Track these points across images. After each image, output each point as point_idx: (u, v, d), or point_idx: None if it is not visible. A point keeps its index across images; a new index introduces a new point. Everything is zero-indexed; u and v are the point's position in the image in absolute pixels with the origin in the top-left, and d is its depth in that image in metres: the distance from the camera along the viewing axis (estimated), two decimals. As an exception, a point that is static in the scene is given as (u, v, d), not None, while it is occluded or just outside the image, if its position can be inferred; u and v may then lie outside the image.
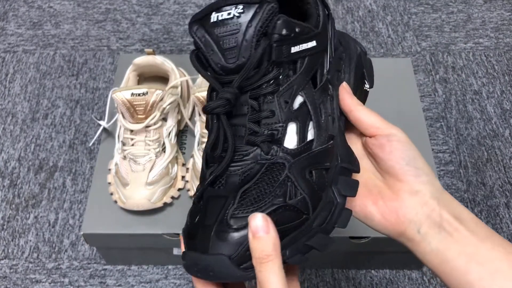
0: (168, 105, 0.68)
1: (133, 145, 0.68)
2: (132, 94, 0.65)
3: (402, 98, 0.78)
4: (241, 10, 0.36)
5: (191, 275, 0.35)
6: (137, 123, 0.67)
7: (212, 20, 0.37)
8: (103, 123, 0.73)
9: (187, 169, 0.71)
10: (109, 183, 0.70)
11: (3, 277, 0.78)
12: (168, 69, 0.74)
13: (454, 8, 1.13)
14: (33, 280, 0.78)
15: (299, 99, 0.38)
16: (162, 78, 0.78)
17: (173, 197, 0.69)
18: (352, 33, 1.08)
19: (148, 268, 0.79)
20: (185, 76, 0.77)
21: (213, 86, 0.38)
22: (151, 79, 0.78)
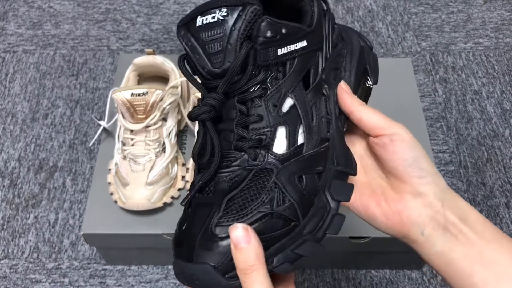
0: (168, 105, 0.68)
1: (133, 145, 0.68)
2: (132, 94, 0.65)
3: (402, 98, 0.78)
4: (225, 13, 0.35)
5: (180, 282, 0.35)
6: (137, 123, 0.67)
7: (198, 24, 0.36)
8: (103, 123, 0.73)
9: (187, 169, 0.71)
10: (109, 183, 0.70)
11: (3, 277, 0.78)
12: (168, 69, 0.74)
13: (454, 8, 1.13)
14: (33, 280, 0.78)
15: (289, 102, 0.37)
16: (162, 78, 0.78)
17: (173, 197, 0.69)
18: (352, 33, 1.08)
19: (148, 268, 0.79)
20: (185, 76, 0.77)
21: (199, 91, 0.38)
22: (151, 79, 0.78)
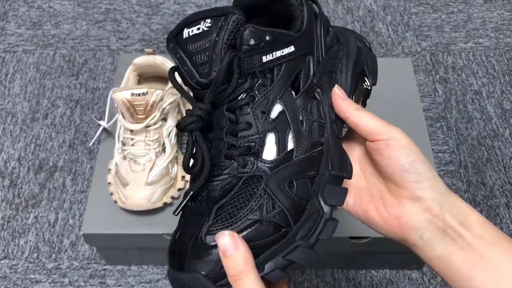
0: (168, 105, 0.68)
1: (133, 145, 0.68)
2: (132, 94, 0.65)
3: (402, 98, 0.78)
4: (209, 24, 0.36)
5: None
6: (137, 123, 0.67)
7: (185, 36, 0.37)
8: (103, 123, 0.73)
9: (187, 169, 0.71)
10: (109, 183, 0.70)
11: (3, 277, 0.78)
12: (168, 69, 0.74)
13: (454, 8, 1.13)
14: (33, 280, 0.78)
15: (277, 108, 0.37)
16: (162, 78, 0.78)
17: (173, 197, 0.69)
18: (352, 33, 1.08)
19: (148, 268, 0.79)
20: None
21: (188, 102, 0.38)
22: (151, 79, 0.78)
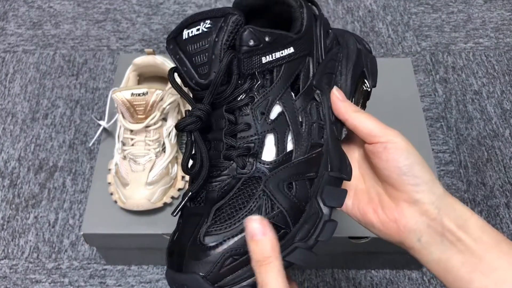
0: (168, 105, 0.68)
1: (133, 145, 0.68)
2: (132, 94, 0.65)
3: (402, 98, 0.78)
4: (209, 25, 0.36)
5: None
6: (137, 123, 0.67)
7: (184, 37, 0.37)
8: (103, 123, 0.73)
9: (187, 169, 0.71)
10: (109, 183, 0.70)
11: (3, 277, 0.78)
12: (168, 69, 0.74)
13: (454, 8, 1.13)
14: (33, 280, 0.78)
15: (277, 109, 0.37)
16: (162, 78, 0.78)
17: (173, 197, 0.69)
18: (352, 33, 1.08)
19: (148, 268, 0.79)
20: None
21: (187, 103, 0.38)
22: (151, 79, 0.78)
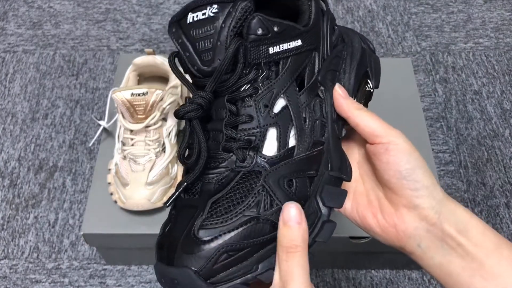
0: (168, 105, 0.68)
1: (133, 145, 0.68)
2: (132, 94, 0.65)
3: (402, 98, 0.78)
4: (216, 10, 0.34)
5: (162, 286, 0.34)
6: (137, 123, 0.67)
7: (189, 21, 0.35)
8: (103, 123, 0.73)
9: (187, 169, 0.71)
10: (109, 183, 0.70)
11: (3, 277, 0.78)
12: (168, 69, 0.74)
13: (454, 8, 1.13)
14: (33, 280, 0.78)
15: (281, 102, 0.36)
16: (162, 78, 0.78)
17: (173, 197, 0.69)
18: (352, 33, 1.08)
19: (148, 268, 0.79)
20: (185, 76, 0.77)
21: (188, 90, 0.37)
22: (151, 79, 0.78)
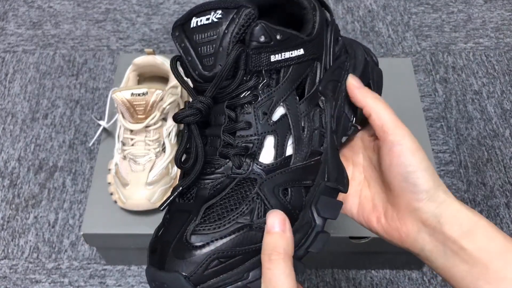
0: (168, 105, 0.68)
1: (133, 145, 0.68)
2: (132, 94, 0.65)
3: (402, 98, 0.78)
4: (220, 16, 0.34)
5: None
6: (137, 123, 0.67)
7: (192, 26, 0.35)
8: (103, 123, 0.73)
9: (187, 169, 0.71)
10: (109, 183, 0.70)
11: (3, 277, 0.78)
12: (168, 69, 0.74)
13: (454, 8, 1.13)
14: (33, 280, 0.78)
15: (280, 111, 0.36)
16: (162, 78, 0.78)
17: (173, 197, 0.68)
18: (352, 33, 1.08)
19: (148, 268, 0.79)
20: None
21: (188, 94, 0.37)
22: (151, 79, 0.78)
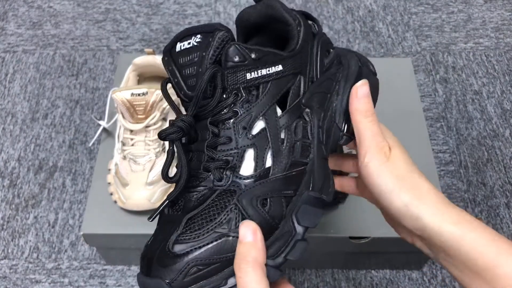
0: (168, 105, 0.68)
1: (133, 145, 0.68)
2: (132, 94, 0.65)
3: (402, 98, 0.78)
4: (199, 40, 0.37)
5: None
6: (137, 123, 0.67)
7: (177, 50, 0.38)
8: (103, 123, 0.73)
9: (187, 169, 0.71)
10: (109, 183, 0.70)
11: (3, 277, 0.78)
12: (168, 69, 0.74)
13: (454, 8, 1.13)
14: (33, 280, 0.78)
15: (260, 125, 0.38)
16: (162, 78, 0.77)
17: (173, 197, 0.68)
18: (352, 33, 1.08)
19: (148, 268, 0.79)
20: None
21: (174, 113, 0.39)
22: (151, 79, 0.78)
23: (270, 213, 0.36)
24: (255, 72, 0.37)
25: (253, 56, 0.37)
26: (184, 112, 0.39)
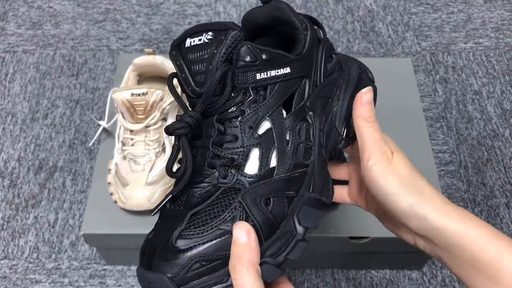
0: (168, 105, 0.68)
1: (133, 145, 0.68)
2: (132, 94, 0.65)
3: (402, 98, 0.78)
4: (211, 37, 0.37)
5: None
6: (137, 123, 0.67)
7: (187, 45, 0.38)
8: (103, 123, 0.73)
9: (187, 169, 0.71)
10: (109, 183, 0.70)
11: (3, 277, 0.78)
12: (168, 69, 0.74)
13: (454, 8, 1.13)
14: (33, 280, 0.78)
15: (266, 125, 0.38)
16: (162, 78, 0.78)
17: (173, 197, 0.69)
18: (352, 33, 1.08)
19: (148, 268, 0.79)
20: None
21: (181, 108, 0.39)
22: (151, 79, 0.78)
23: (273, 212, 0.37)
24: (265, 73, 0.38)
25: (263, 57, 0.37)
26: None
